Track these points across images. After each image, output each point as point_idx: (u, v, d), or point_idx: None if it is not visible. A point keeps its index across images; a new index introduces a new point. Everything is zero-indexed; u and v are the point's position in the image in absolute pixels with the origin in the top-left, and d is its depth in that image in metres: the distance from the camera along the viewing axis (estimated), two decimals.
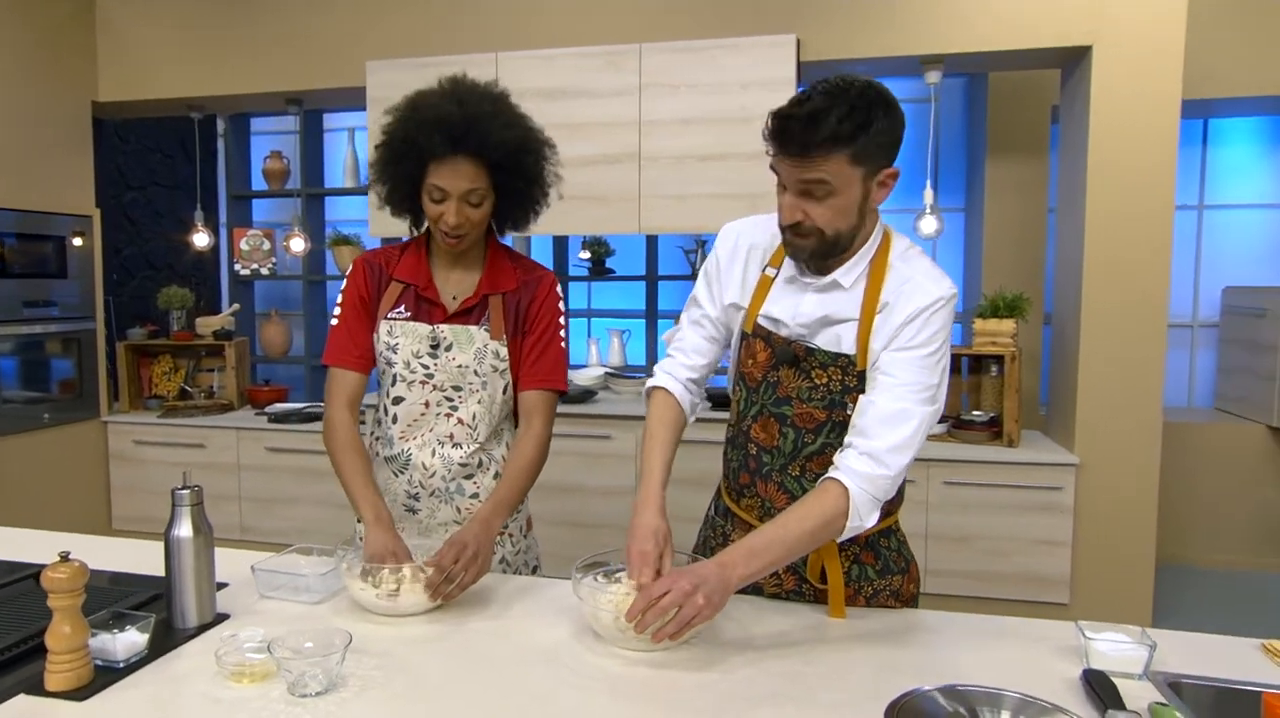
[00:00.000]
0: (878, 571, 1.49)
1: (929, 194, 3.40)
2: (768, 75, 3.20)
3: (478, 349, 1.65)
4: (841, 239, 1.35)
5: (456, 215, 1.56)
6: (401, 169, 1.61)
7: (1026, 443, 3.36)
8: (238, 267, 4.52)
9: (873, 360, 1.37)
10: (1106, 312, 3.13)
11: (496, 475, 1.71)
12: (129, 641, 1.24)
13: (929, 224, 3.39)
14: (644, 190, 3.36)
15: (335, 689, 1.17)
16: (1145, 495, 3.16)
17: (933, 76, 3.30)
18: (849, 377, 1.39)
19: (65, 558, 1.18)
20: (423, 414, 1.67)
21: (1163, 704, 1.10)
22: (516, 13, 3.48)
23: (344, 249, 4.43)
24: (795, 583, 1.50)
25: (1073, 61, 3.26)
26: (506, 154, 1.55)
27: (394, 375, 1.67)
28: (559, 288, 1.72)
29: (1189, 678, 1.21)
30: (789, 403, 1.44)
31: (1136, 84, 3.03)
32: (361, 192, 4.47)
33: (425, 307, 1.68)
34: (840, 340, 1.40)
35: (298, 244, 3.98)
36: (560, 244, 4.44)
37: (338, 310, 1.72)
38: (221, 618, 1.41)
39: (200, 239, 4.02)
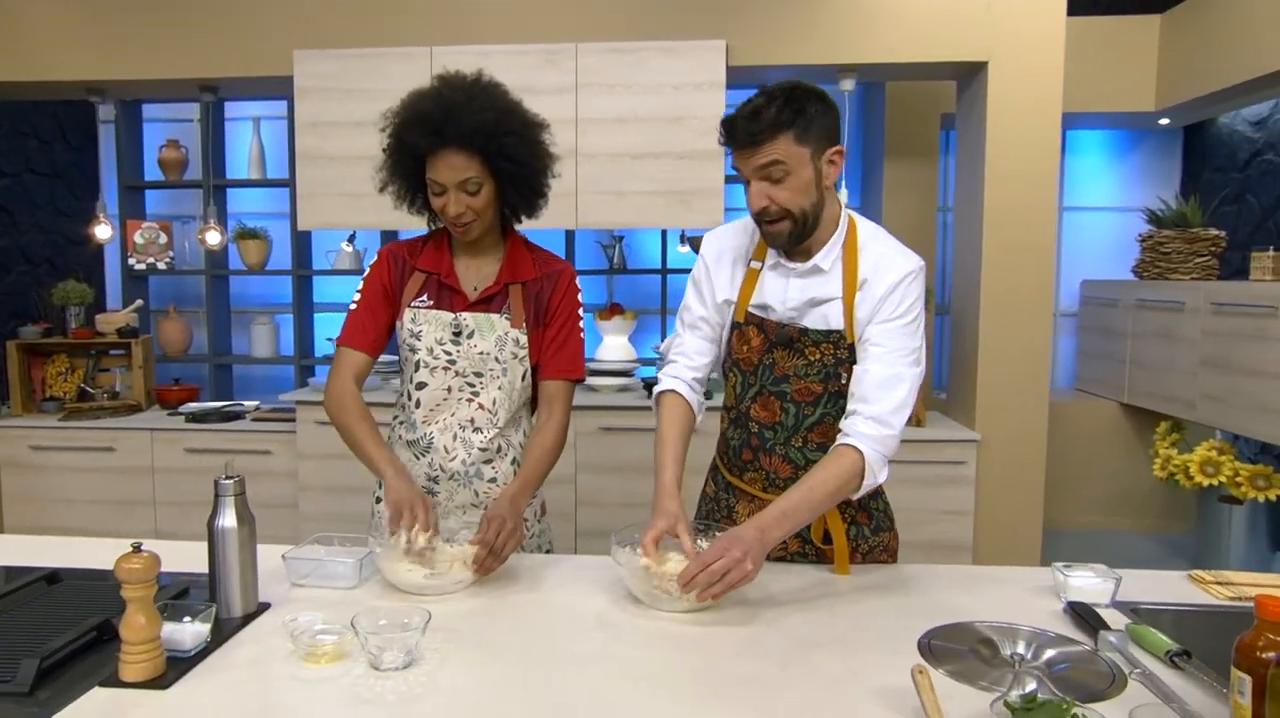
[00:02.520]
0: (872, 529, 1.68)
1: (844, 194, 3.65)
2: (699, 78, 3.36)
3: (499, 337, 1.71)
4: (809, 217, 1.50)
5: (456, 205, 1.63)
6: (402, 170, 1.68)
7: (932, 423, 3.68)
8: (132, 261, 4.27)
9: (859, 333, 1.54)
10: (1002, 302, 3.48)
11: (514, 462, 1.78)
12: (196, 630, 1.25)
13: None
14: (581, 187, 3.45)
15: (416, 663, 1.22)
16: (1035, 466, 3.54)
17: (847, 84, 3.55)
18: (840, 350, 1.55)
19: (137, 549, 1.18)
20: (445, 399, 1.72)
21: (1137, 624, 1.31)
22: (452, 7, 3.48)
23: (250, 243, 4.28)
24: (799, 546, 1.66)
25: (969, 75, 3.59)
26: (488, 138, 1.60)
27: (417, 362, 1.72)
28: (578, 280, 1.81)
29: (1144, 604, 1.45)
30: (787, 381, 1.58)
31: (1025, 97, 3.38)
32: (268, 184, 4.33)
33: (447, 295, 1.73)
34: (827, 319, 1.56)
35: (213, 237, 3.81)
36: None
37: (357, 297, 1.77)
38: (264, 607, 1.42)
39: (102, 231, 3.78)
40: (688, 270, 4.26)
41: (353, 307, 1.77)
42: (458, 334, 1.71)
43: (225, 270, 4.37)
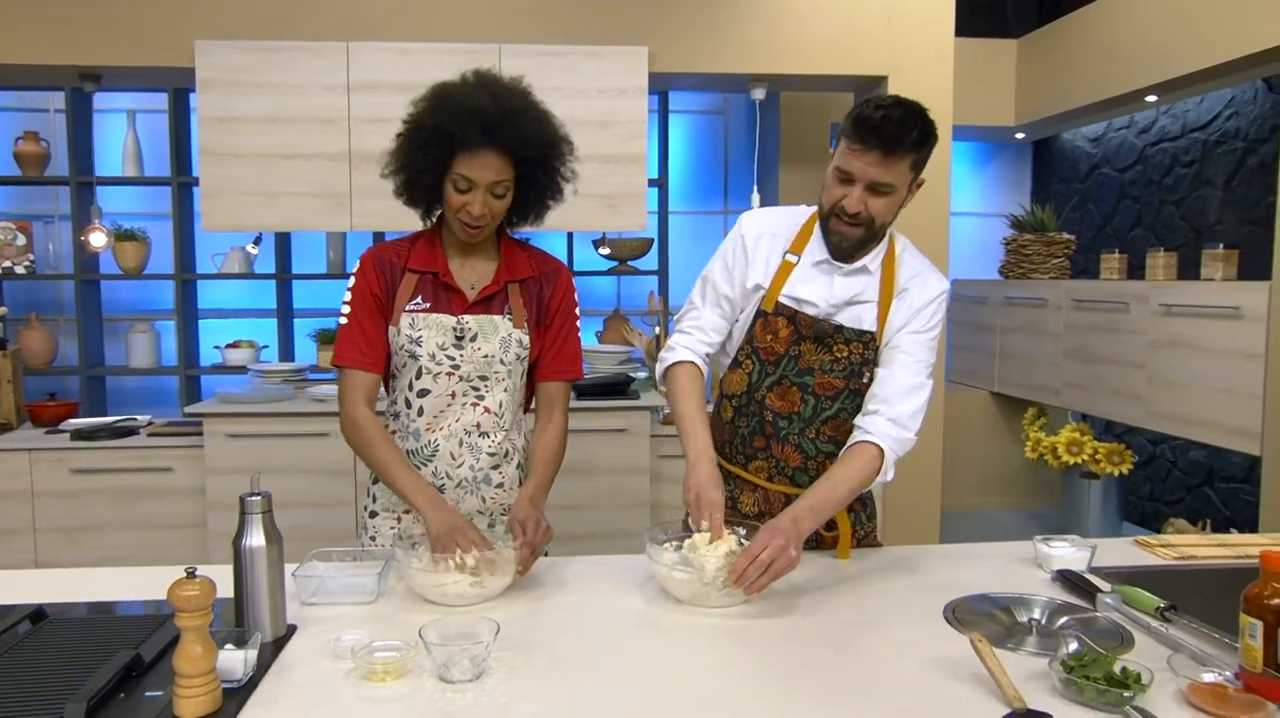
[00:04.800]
0: (867, 516, 1.79)
1: (756, 198, 3.80)
2: (623, 84, 3.41)
3: (503, 338, 1.69)
4: (880, 233, 1.62)
5: (481, 206, 1.59)
6: (428, 157, 1.60)
7: None
8: None
9: (888, 338, 1.64)
10: None
11: (519, 466, 1.76)
12: (246, 657, 1.18)
13: None
14: None
15: (487, 674, 1.20)
16: (933, 454, 3.83)
17: (758, 93, 3.71)
18: (869, 350, 1.64)
19: (191, 574, 1.11)
20: (449, 405, 1.68)
21: (1122, 586, 1.48)
22: (369, 1, 3.36)
23: (127, 246, 3.95)
24: None
25: (869, 88, 3.83)
26: (536, 148, 1.60)
27: (419, 368, 1.66)
28: (573, 279, 1.81)
29: (1111, 568, 1.63)
30: (811, 373, 1.66)
31: None
32: (148, 181, 4.01)
33: (445, 295, 1.68)
34: (860, 319, 1.64)
35: (98, 239, 3.49)
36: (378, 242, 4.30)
37: (346, 309, 1.68)
38: (292, 629, 1.35)
39: None
40: (595, 273, 4.34)
41: (343, 321, 1.68)
42: (460, 338, 1.67)
43: (98, 275, 4.00)
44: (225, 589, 1.28)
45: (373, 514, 1.78)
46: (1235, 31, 3.41)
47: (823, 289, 1.64)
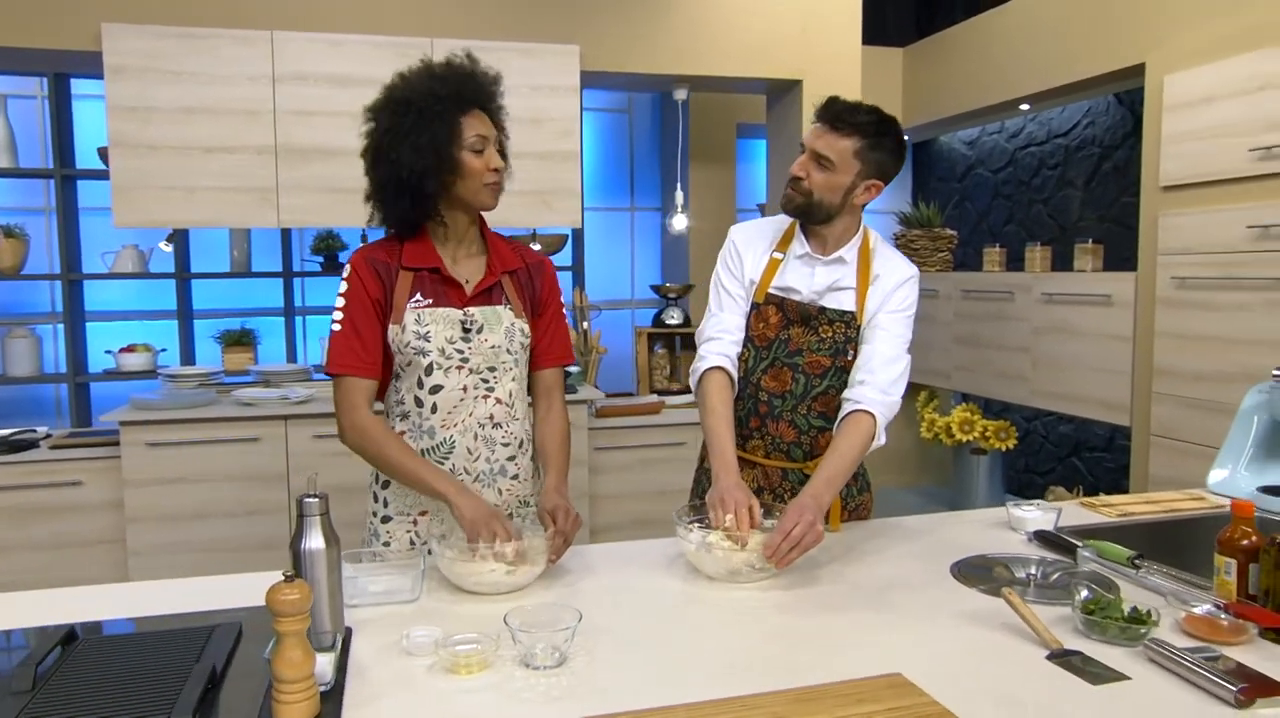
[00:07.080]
0: (857, 489, 1.93)
1: (680, 196, 3.92)
2: (556, 81, 3.44)
3: (507, 328, 1.71)
4: (822, 208, 1.74)
5: (498, 159, 1.65)
6: (438, 133, 1.57)
7: None
8: None
9: (867, 319, 1.80)
10: None
11: (531, 457, 1.79)
12: (332, 661, 1.17)
13: (680, 222, 3.91)
14: None
15: (569, 660, 1.24)
16: None
17: (680, 93, 3.83)
18: (850, 329, 1.80)
19: (289, 579, 1.09)
20: (462, 399, 1.69)
21: (1093, 541, 1.68)
22: None
23: (4, 244, 3.62)
24: None
25: (783, 90, 4.02)
26: (498, 104, 1.70)
27: (430, 364, 1.66)
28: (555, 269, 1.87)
29: (1071, 527, 1.83)
30: (800, 354, 1.81)
31: None
32: (21, 173, 3.68)
33: (444, 290, 1.68)
34: (841, 301, 1.81)
35: None
36: (286, 240, 4.12)
37: (339, 315, 1.65)
38: (349, 632, 1.34)
39: None
40: None
41: (336, 328, 1.64)
42: (467, 330, 1.68)
43: None
44: (252, 597, 1.26)
45: (385, 520, 1.76)
46: (1095, 52, 3.82)
47: (805, 278, 1.81)
